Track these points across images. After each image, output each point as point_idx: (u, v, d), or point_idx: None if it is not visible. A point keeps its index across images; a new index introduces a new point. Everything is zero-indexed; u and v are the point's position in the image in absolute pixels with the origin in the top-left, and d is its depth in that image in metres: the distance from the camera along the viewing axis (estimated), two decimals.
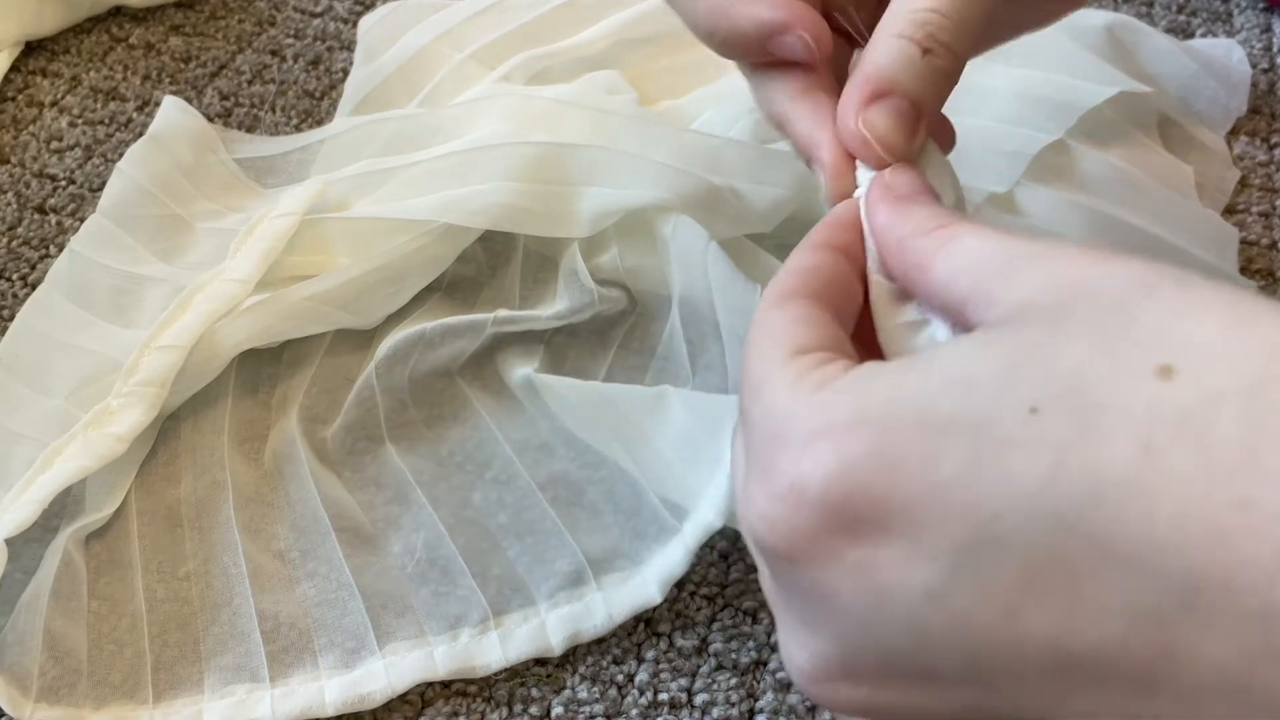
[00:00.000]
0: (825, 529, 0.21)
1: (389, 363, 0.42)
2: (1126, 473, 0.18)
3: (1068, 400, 0.20)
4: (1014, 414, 0.20)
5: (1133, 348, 0.20)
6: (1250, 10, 0.59)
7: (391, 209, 0.44)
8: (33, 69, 0.56)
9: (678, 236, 0.42)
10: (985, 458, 0.20)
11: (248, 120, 0.54)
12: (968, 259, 0.24)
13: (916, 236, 0.25)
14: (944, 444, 0.20)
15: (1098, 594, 0.19)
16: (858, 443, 0.21)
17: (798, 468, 0.22)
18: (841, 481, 0.21)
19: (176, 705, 0.36)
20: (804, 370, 0.23)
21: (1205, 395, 0.19)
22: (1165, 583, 0.18)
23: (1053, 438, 0.19)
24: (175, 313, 0.42)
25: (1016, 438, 0.20)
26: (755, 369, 0.24)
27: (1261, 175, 0.51)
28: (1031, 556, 0.19)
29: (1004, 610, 0.20)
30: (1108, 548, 0.19)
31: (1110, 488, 0.19)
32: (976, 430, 0.20)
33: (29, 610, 0.36)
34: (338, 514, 0.40)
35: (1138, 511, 0.18)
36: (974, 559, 0.20)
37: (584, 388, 0.40)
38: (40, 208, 0.50)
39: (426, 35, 0.53)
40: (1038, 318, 0.21)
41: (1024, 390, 0.20)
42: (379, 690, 0.36)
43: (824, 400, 0.22)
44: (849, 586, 0.21)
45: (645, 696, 0.36)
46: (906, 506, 0.20)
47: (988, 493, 0.20)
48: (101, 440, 0.39)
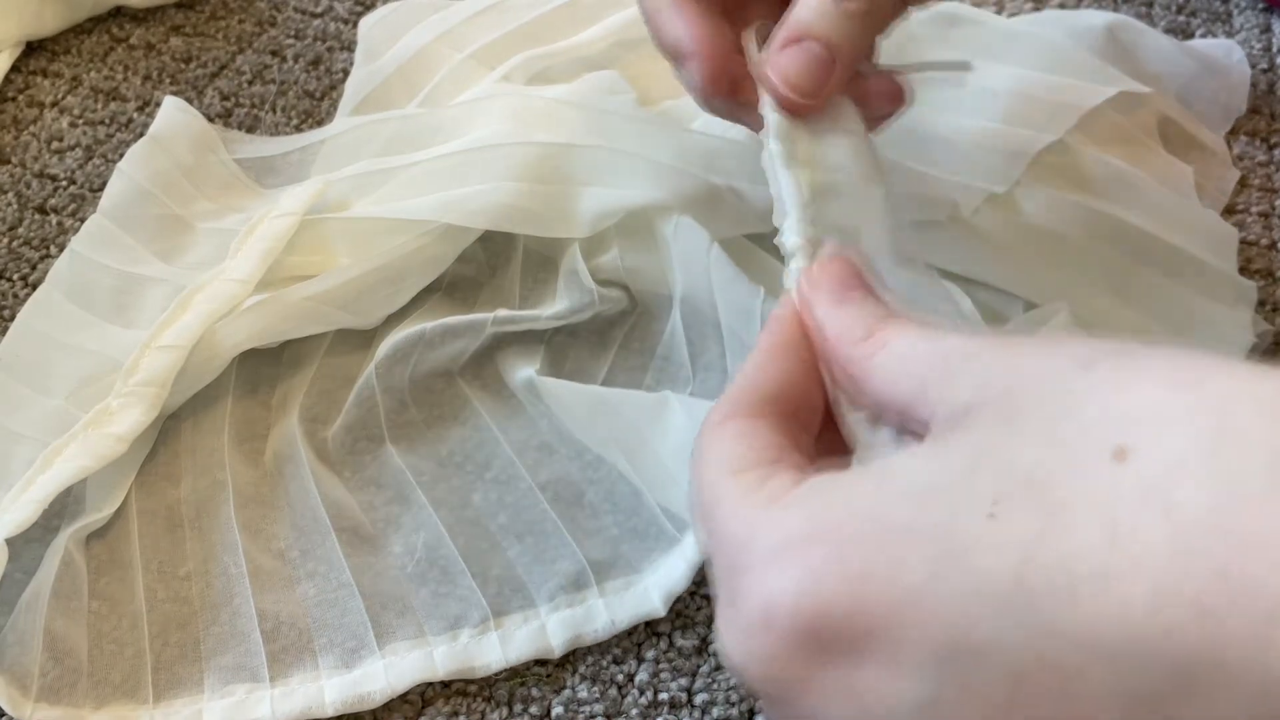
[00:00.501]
0: (800, 655, 0.21)
1: (389, 363, 0.42)
2: (1097, 561, 0.18)
3: (1027, 497, 0.19)
4: (974, 516, 0.19)
5: (1084, 435, 0.19)
6: (1250, 10, 0.59)
7: (391, 209, 0.44)
8: (33, 69, 0.56)
9: (680, 237, 0.42)
10: (951, 563, 0.19)
11: (248, 120, 0.54)
12: (900, 367, 0.24)
13: (846, 346, 0.25)
14: (906, 552, 0.20)
15: (1089, 689, 0.18)
16: (818, 557, 0.21)
17: (763, 591, 0.21)
18: (809, 600, 0.21)
19: (176, 705, 0.36)
20: (749, 487, 0.23)
21: (1164, 466, 0.18)
22: (1157, 669, 0.17)
23: (1016, 536, 0.19)
24: (175, 313, 0.42)
25: (979, 540, 0.19)
26: (702, 494, 0.24)
27: (1261, 175, 0.51)
28: (1015, 661, 0.19)
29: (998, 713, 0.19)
30: (1091, 644, 0.18)
31: (1083, 581, 0.18)
32: (938, 536, 0.20)
33: (29, 610, 0.36)
34: (338, 514, 0.40)
35: (1115, 600, 0.18)
36: (957, 668, 0.19)
37: (585, 392, 0.40)
38: (41, 208, 0.50)
39: (427, 35, 0.53)
40: (985, 418, 0.21)
41: (982, 491, 0.19)
42: (379, 690, 0.36)
43: (776, 516, 0.22)
44: (832, 709, 0.21)
45: (645, 696, 0.36)
46: (879, 620, 0.20)
47: (958, 599, 0.19)
48: (102, 440, 0.39)
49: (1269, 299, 0.46)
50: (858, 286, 0.27)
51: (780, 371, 0.26)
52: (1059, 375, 0.21)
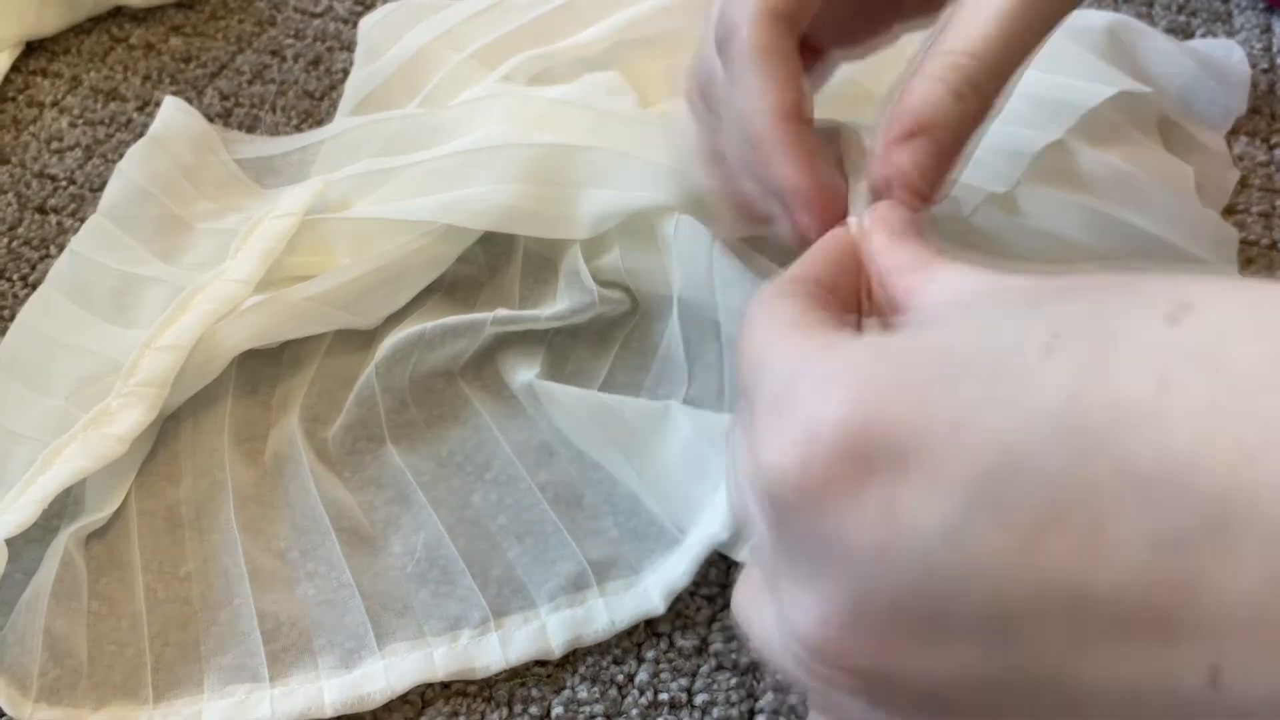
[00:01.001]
0: (840, 465, 0.21)
1: (389, 363, 0.42)
2: (1145, 402, 0.18)
3: (1085, 337, 0.20)
4: (1033, 345, 0.20)
5: (1142, 295, 0.20)
6: (1250, 10, 0.59)
7: (392, 209, 0.44)
8: (33, 69, 0.56)
9: (680, 236, 0.42)
10: (1005, 384, 0.20)
11: (248, 120, 0.54)
12: (954, 294, 0.24)
13: (899, 274, 0.26)
14: (963, 373, 0.20)
15: (1118, 522, 0.18)
16: (874, 377, 0.21)
17: (812, 408, 0.21)
18: (860, 413, 0.21)
19: (176, 705, 0.36)
20: (811, 331, 0.23)
21: (1218, 331, 0.19)
22: (1188, 503, 0.18)
23: (1070, 370, 0.19)
24: (175, 313, 0.42)
25: (1035, 366, 0.19)
26: (757, 345, 0.24)
27: (1261, 175, 0.51)
28: (1051, 484, 0.19)
29: (1022, 546, 0.19)
30: (1129, 469, 0.18)
31: (1130, 414, 0.18)
32: (995, 360, 0.20)
33: (29, 611, 0.36)
34: (338, 514, 0.40)
35: (1158, 435, 0.18)
36: (993, 490, 0.19)
37: (587, 398, 0.40)
38: (41, 208, 0.50)
39: (427, 35, 0.53)
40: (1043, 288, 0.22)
41: (1042, 324, 0.20)
42: (378, 691, 0.36)
43: (840, 349, 0.22)
44: (864, 527, 0.20)
45: (645, 696, 0.36)
46: (925, 436, 0.20)
47: (1007, 417, 0.19)
48: (101, 441, 0.39)
49: None
50: (916, 231, 0.27)
51: (837, 268, 0.27)
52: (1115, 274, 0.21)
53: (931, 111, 0.29)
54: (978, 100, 0.29)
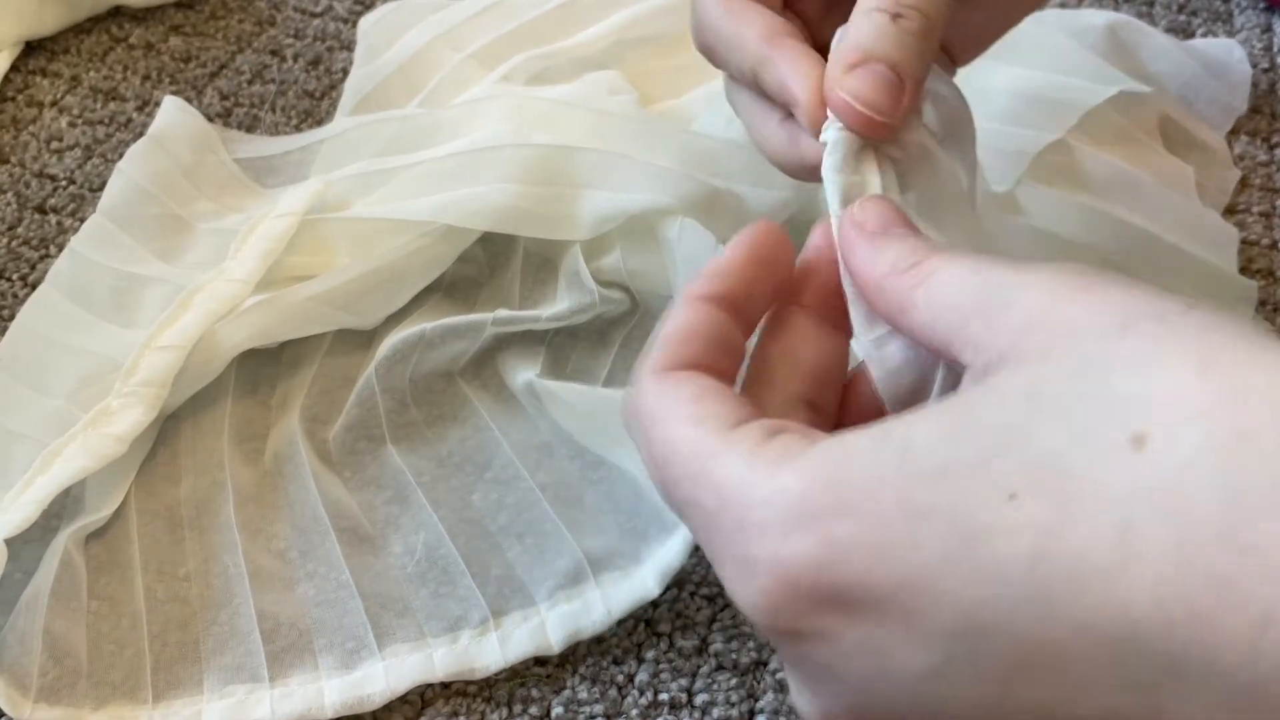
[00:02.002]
0: (820, 611, 0.21)
1: (389, 363, 0.42)
2: (1106, 556, 0.19)
3: (1045, 484, 0.20)
4: (993, 501, 0.20)
5: (1105, 417, 0.20)
6: (1250, 10, 0.59)
7: (392, 209, 0.44)
8: (33, 69, 0.56)
9: (684, 240, 0.42)
10: (968, 545, 0.20)
11: (248, 120, 0.54)
12: (947, 299, 0.24)
13: (892, 277, 0.25)
14: (928, 531, 0.20)
15: (1086, 672, 0.19)
16: (840, 528, 0.21)
17: (781, 557, 0.21)
18: (830, 567, 0.21)
19: (176, 705, 0.36)
20: (757, 442, 0.23)
21: (1178, 465, 0.19)
22: (1151, 660, 0.18)
23: (1033, 524, 0.19)
24: (175, 313, 0.42)
25: (997, 524, 0.20)
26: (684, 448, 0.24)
27: (1262, 175, 0.51)
28: (1021, 641, 0.20)
29: (998, 688, 0.20)
30: (1093, 632, 0.19)
31: (1092, 574, 0.19)
32: (957, 518, 0.20)
33: (29, 610, 0.36)
34: (337, 514, 0.40)
35: (1120, 596, 0.18)
36: (965, 645, 0.20)
37: (587, 393, 0.40)
38: (40, 208, 0.50)
39: (426, 35, 0.53)
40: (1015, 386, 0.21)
41: (1002, 476, 0.20)
42: (378, 693, 0.36)
43: (792, 481, 0.22)
44: (849, 663, 0.22)
45: (645, 697, 0.36)
46: (896, 593, 0.21)
47: (973, 580, 0.20)
48: (101, 441, 0.39)
49: (1270, 299, 0.46)
50: (901, 224, 0.27)
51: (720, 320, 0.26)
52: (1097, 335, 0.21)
53: (872, 38, 0.29)
54: (918, 19, 0.29)
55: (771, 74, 0.31)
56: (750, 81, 0.32)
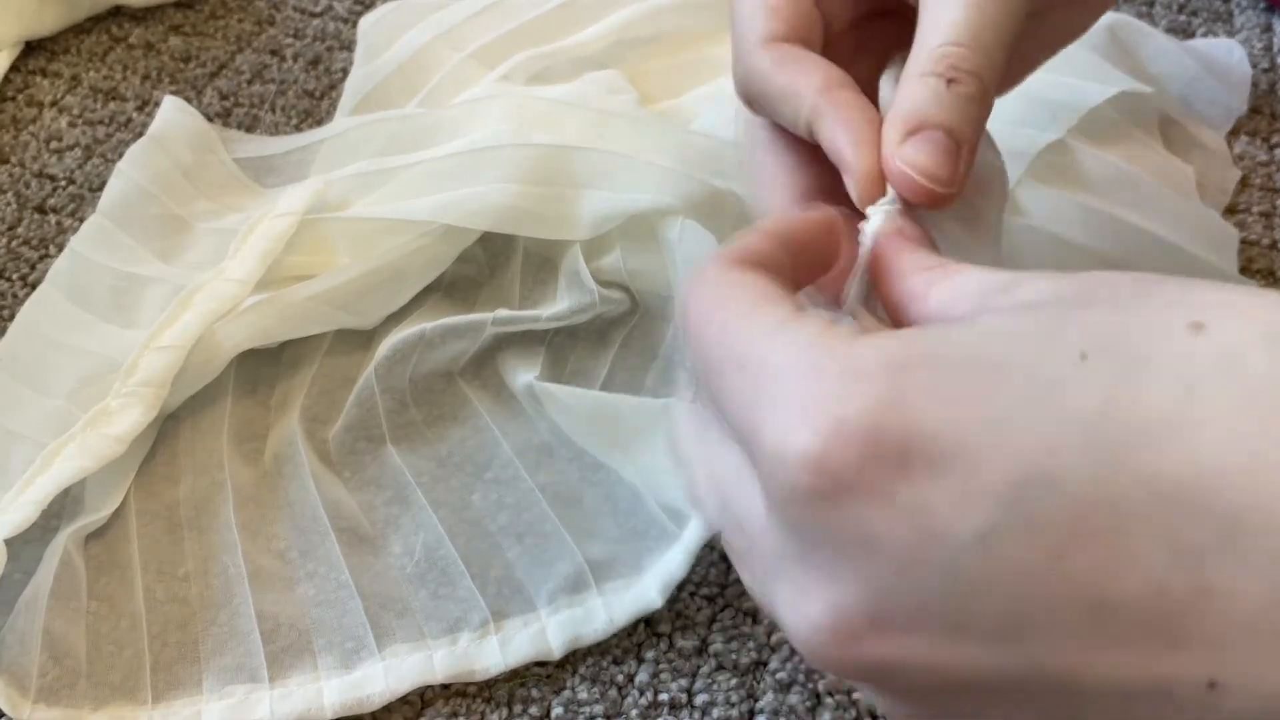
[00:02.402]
0: (875, 462, 0.21)
1: (389, 363, 0.42)
2: (1172, 413, 0.19)
3: (1112, 350, 0.20)
4: (1064, 358, 0.20)
5: (1162, 309, 0.21)
6: (1250, 10, 0.59)
7: (391, 209, 0.44)
8: (33, 69, 0.56)
9: (686, 242, 0.42)
10: (1039, 395, 0.20)
11: (247, 120, 0.54)
12: (966, 286, 0.24)
13: (917, 271, 0.26)
14: (998, 381, 0.20)
15: (1142, 537, 0.19)
16: (911, 376, 0.21)
17: (845, 398, 0.21)
18: (896, 411, 0.20)
19: (176, 706, 0.36)
20: (821, 327, 0.23)
21: (1236, 344, 0.20)
22: (1207, 518, 0.19)
23: (1102, 380, 0.20)
24: (175, 313, 0.42)
25: (1068, 378, 0.20)
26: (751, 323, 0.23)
27: (1262, 175, 0.51)
28: (1082, 495, 0.19)
29: (1051, 554, 0.20)
30: (1155, 484, 0.19)
31: (1157, 426, 0.19)
32: (1029, 371, 0.20)
33: (28, 611, 0.36)
34: (337, 514, 0.40)
35: (1183, 448, 0.19)
36: (1027, 497, 0.20)
37: (587, 397, 0.40)
38: (40, 208, 0.50)
39: (426, 35, 0.53)
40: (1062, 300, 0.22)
41: (1071, 339, 0.21)
42: (378, 694, 0.36)
43: (867, 343, 0.22)
44: (894, 527, 0.20)
45: (645, 697, 0.36)
46: (962, 440, 0.20)
47: (1042, 428, 0.20)
48: (101, 441, 0.39)
49: None
50: (929, 244, 0.28)
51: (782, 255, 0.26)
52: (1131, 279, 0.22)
53: (928, 104, 0.28)
54: (974, 84, 0.29)
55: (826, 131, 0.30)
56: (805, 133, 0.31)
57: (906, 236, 0.27)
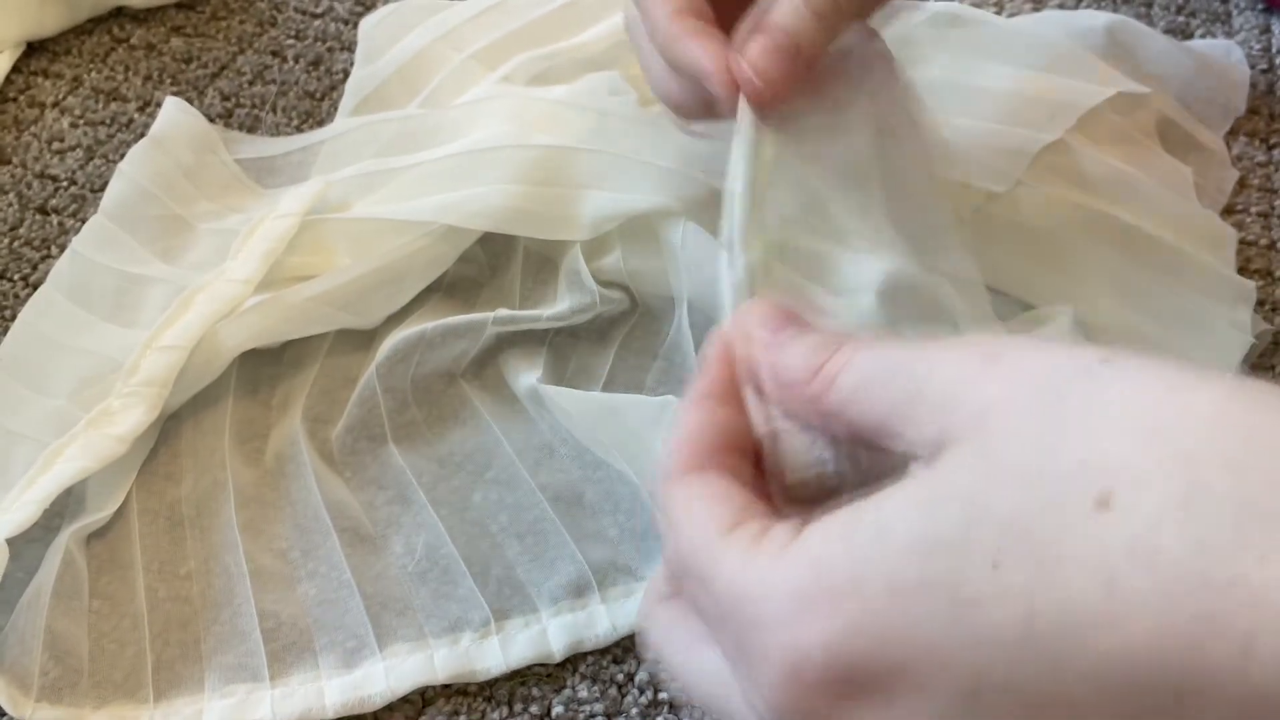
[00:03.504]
0: (832, 699, 0.22)
1: (390, 363, 0.42)
2: (1097, 610, 0.20)
3: (1024, 551, 0.20)
4: (978, 570, 0.21)
5: (1065, 483, 0.21)
6: (1249, 11, 0.59)
7: (392, 210, 0.44)
8: (34, 70, 0.56)
9: (689, 244, 0.42)
10: (963, 617, 0.21)
11: (249, 121, 0.54)
12: (868, 394, 0.24)
13: (799, 388, 0.25)
14: (921, 608, 0.21)
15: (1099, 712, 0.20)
16: (838, 616, 0.22)
17: (788, 651, 0.22)
18: (836, 654, 0.22)
19: (177, 705, 0.36)
20: (749, 542, 0.24)
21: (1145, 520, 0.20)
22: (1154, 693, 0.20)
23: (1020, 589, 0.20)
24: (176, 313, 0.42)
25: (987, 594, 0.21)
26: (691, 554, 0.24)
27: (1260, 175, 0.51)
28: (1028, 698, 0.21)
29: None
30: (1097, 678, 0.20)
31: (1086, 627, 0.20)
32: (947, 591, 0.21)
33: (30, 610, 0.36)
34: (339, 514, 0.40)
35: (1118, 643, 0.20)
36: (975, 705, 0.21)
37: (589, 399, 0.40)
38: (42, 208, 0.50)
39: (427, 36, 0.53)
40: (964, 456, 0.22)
41: (981, 546, 0.21)
42: (379, 694, 0.36)
43: (785, 570, 0.23)
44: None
45: (645, 696, 0.36)
46: (902, 669, 0.21)
47: (974, 647, 0.21)
48: (102, 441, 0.39)
49: (1268, 299, 0.46)
50: (790, 323, 0.27)
51: (720, 415, 0.27)
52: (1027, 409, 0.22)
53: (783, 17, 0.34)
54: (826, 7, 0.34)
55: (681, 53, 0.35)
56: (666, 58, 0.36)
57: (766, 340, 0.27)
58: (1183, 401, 0.21)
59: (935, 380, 0.23)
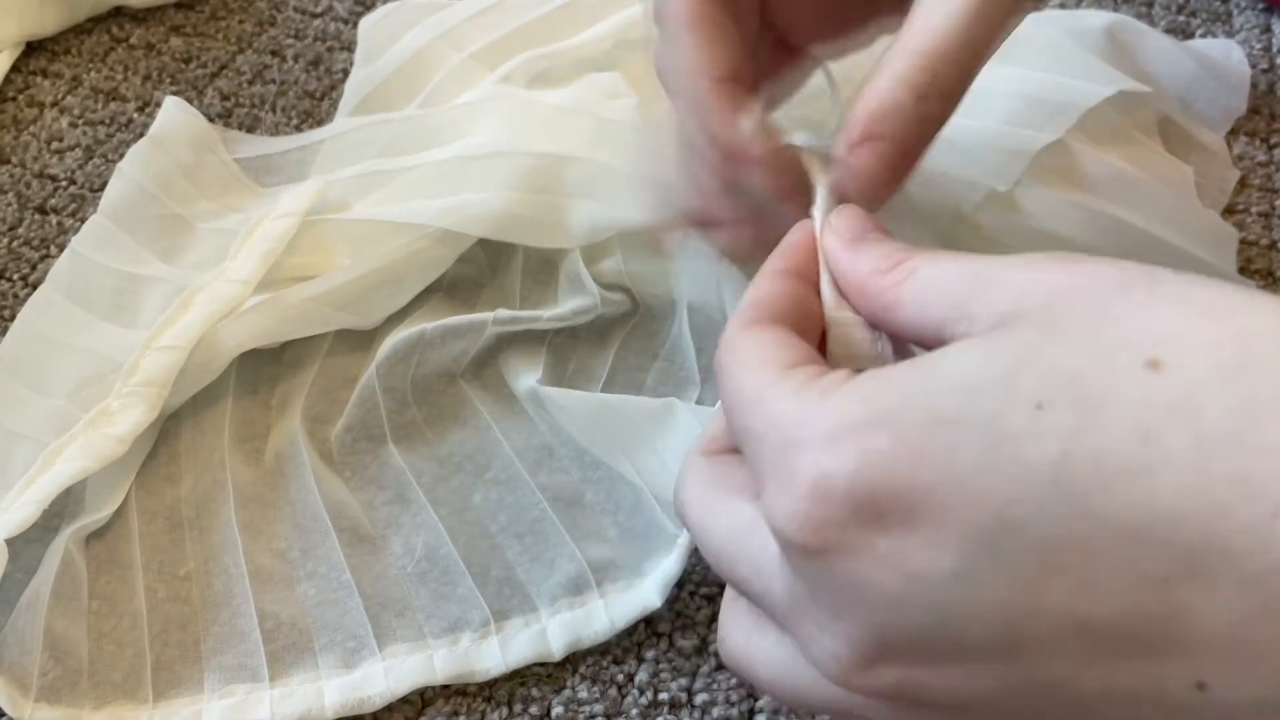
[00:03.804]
0: (854, 521, 0.22)
1: (390, 363, 0.42)
2: (1129, 459, 0.20)
3: (1069, 396, 0.21)
4: (1021, 409, 0.21)
5: (1120, 345, 0.21)
6: (1250, 10, 0.59)
7: (391, 211, 0.44)
8: (33, 69, 0.56)
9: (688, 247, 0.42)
10: (998, 450, 0.21)
11: (248, 121, 0.54)
12: (933, 289, 0.25)
13: (876, 276, 0.26)
14: (958, 438, 0.21)
15: (1110, 567, 0.20)
16: (876, 439, 0.22)
17: (820, 466, 0.23)
18: (867, 475, 0.22)
19: (176, 705, 0.36)
20: (804, 381, 0.24)
21: (1191, 384, 0.20)
22: (1170, 552, 0.20)
23: (1059, 430, 0.21)
24: (176, 313, 0.42)
25: (1025, 431, 0.21)
26: (747, 387, 0.25)
27: (1261, 175, 0.51)
28: (1048, 538, 0.21)
29: (1025, 587, 0.21)
30: (1117, 526, 0.20)
31: (1116, 474, 0.20)
32: (987, 425, 0.21)
33: (29, 610, 0.36)
34: (338, 514, 0.40)
35: (1142, 492, 0.20)
36: (995, 543, 0.21)
37: (589, 400, 0.40)
38: (41, 208, 0.50)
39: (427, 35, 0.53)
40: (1027, 324, 0.22)
41: (1028, 388, 0.21)
42: (378, 694, 0.36)
43: (835, 404, 0.23)
44: (879, 573, 0.22)
45: (645, 696, 0.36)
46: (929, 497, 0.21)
47: (1004, 482, 0.21)
48: (102, 441, 0.39)
49: None
50: (875, 228, 0.28)
51: (794, 291, 0.28)
52: (1095, 292, 0.22)
53: (892, 114, 0.29)
54: (939, 102, 0.30)
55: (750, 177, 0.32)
56: None
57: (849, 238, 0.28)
58: (1243, 295, 0.21)
59: (1008, 270, 0.24)
